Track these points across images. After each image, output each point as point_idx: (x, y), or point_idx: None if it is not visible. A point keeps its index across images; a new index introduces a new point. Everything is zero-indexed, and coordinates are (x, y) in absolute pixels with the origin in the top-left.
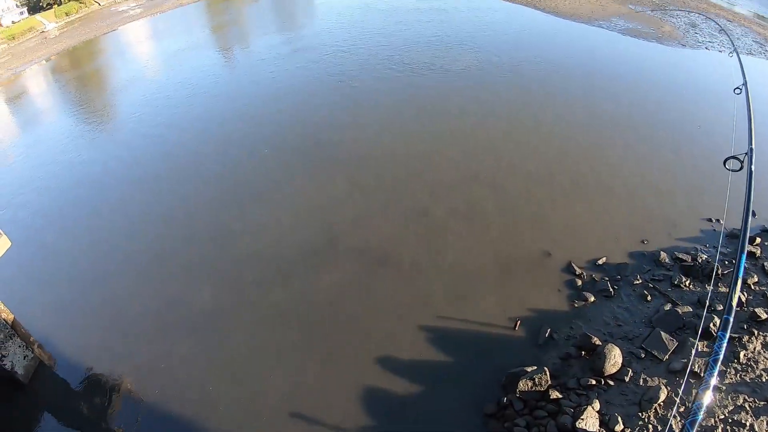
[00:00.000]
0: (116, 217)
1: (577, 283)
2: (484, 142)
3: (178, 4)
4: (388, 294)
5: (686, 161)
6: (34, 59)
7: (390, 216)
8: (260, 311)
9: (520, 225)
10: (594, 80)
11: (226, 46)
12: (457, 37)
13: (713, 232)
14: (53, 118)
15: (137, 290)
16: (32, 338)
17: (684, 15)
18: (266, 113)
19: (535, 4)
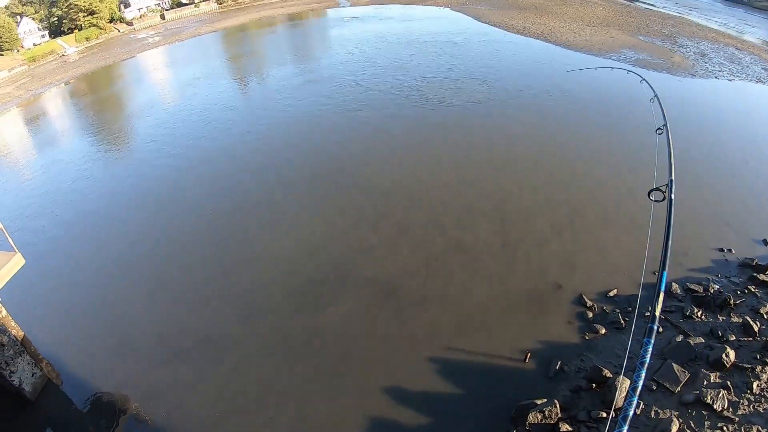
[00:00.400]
0: (127, 240)
1: (587, 315)
2: (492, 174)
3: (196, 33)
4: (396, 325)
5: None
6: (54, 82)
7: (398, 247)
8: (267, 341)
9: (529, 257)
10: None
11: (241, 75)
12: (468, 70)
13: (725, 262)
14: (70, 140)
15: (146, 314)
16: (41, 356)
17: (693, 45)
18: (277, 144)
19: (547, 38)
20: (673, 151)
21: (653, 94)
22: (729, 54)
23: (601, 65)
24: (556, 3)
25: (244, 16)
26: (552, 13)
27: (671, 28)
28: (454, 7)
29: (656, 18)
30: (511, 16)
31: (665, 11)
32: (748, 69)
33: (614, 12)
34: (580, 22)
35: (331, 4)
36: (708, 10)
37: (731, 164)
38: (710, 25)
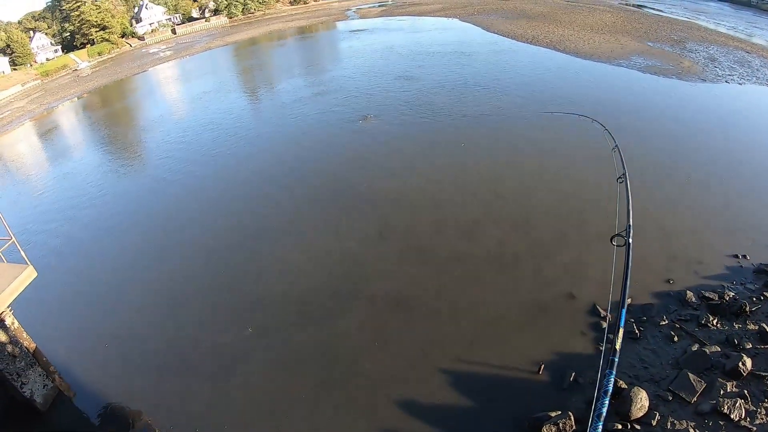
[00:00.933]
0: (139, 252)
1: (601, 325)
2: (503, 184)
3: (207, 47)
4: (407, 338)
5: (707, 198)
6: (67, 96)
7: (408, 259)
8: (277, 353)
9: (542, 267)
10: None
11: (252, 88)
12: (477, 81)
13: (740, 269)
14: (82, 154)
15: (157, 327)
16: (52, 367)
17: (702, 49)
18: (286, 157)
19: (556, 46)
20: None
21: (614, 144)
22: (739, 57)
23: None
24: (564, 11)
25: (254, 30)
26: (560, 22)
27: (680, 33)
28: (463, 17)
29: (664, 23)
30: (519, 26)
31: (673, 16)
32: (758, 72)
33: (622, 18)
34: (589, 29)
35: (340, 17)
36: (716, 14)
37: (746, 168)
38: (719, 29)
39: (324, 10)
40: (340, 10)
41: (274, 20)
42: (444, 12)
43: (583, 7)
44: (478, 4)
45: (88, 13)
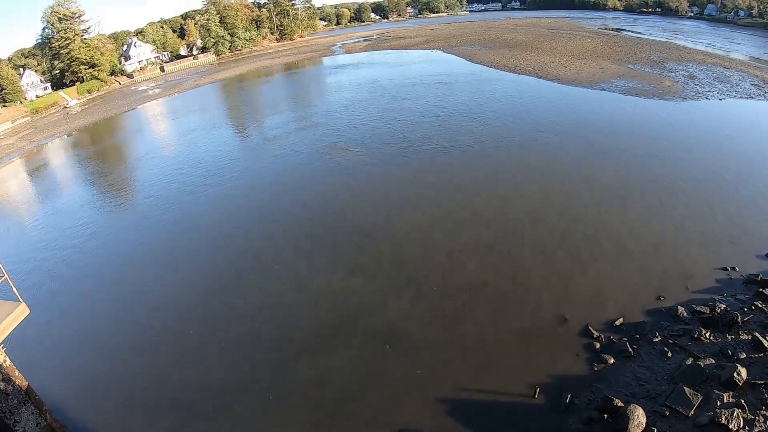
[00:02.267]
0: (130, 291)
1: (595, 346)
2: (492, 212)
3: (195, 85)
4: (404, 367)
5: (695, 213)
6: (56, 133)
7: (401, 291)
8: (273, 391)
9: (533, 291)
10: (597, 143)
11: (239, 124)
12: (461, 111)
13: (730, 281)
14: (72, 190)
15: (149, 365)
16: (45, 406)
17: (682, 68)
18: (273, 192)
19: (538, 73)
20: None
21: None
22: (718, 73)
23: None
24: (545, 39)
25: (241, 67)
26: (542, 49)
27: (659, 54)
28: (446, 49)
29: (644, 45)
30: (502, 55)
31: (652, 38)
32: (737, 86)
33: (602, 43)
34: (570, 55)
35: (326, 53)
36: (694, 32)
37: (729, 181)
38: (697, 47)
39: (310, 47)
40: (326, 46)
41: (261, 57)
42: (427, 45)
43: (564, 34)
44: (460, 36)
45: (77, 50)
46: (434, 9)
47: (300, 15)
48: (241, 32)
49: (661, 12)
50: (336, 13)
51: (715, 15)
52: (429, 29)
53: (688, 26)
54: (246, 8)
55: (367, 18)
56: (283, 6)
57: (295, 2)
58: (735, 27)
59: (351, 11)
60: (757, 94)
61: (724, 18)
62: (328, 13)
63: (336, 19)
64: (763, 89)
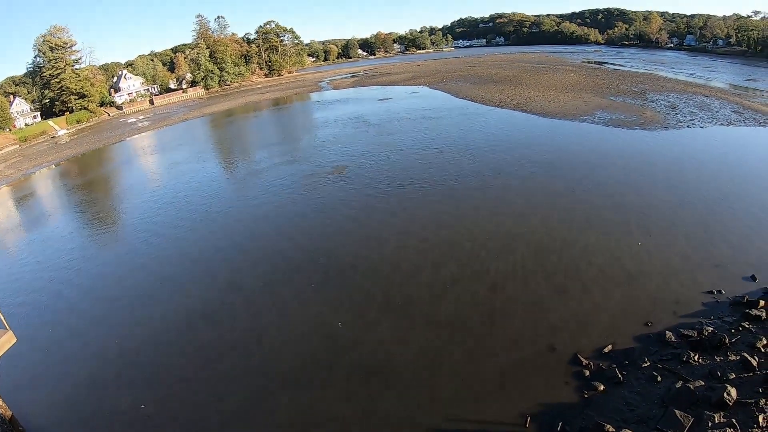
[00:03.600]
0: (116, 323)
1: (584, 374)
2: (477, 243)
3: (184, 118)
4: (394, 402)
5: (680, 239)
6: (44, 162)
7: (389, 323)
8: (263, 423)
9: (521, 321)
10: (580, 173)
11: (227, 158)
12: (445, 146)
13: (716, 304)
14: (58, 220)
15: (135, 399)
16: None
17: (663, 98)
18: (260, 227)
19: (523, 108)
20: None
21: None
22: (698, 102)
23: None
24: (529, 74)
25: (230, 102)
26: (526, 84)
27: (641, 85)
28: (432, 85)
29: (625, 77)
30: (487, 90)
31: (633, 70)
32: (717, 114)
33: (585, 76)
34: (554, 89)
35: (314, 89)
36: (674, 62)
37: (713, 207)
38: (678, 77)
39: (298, 82)
40: (314, 82)
41: (250, 92)
42: (414, 80)
43: (547, 68)
44: (446, 72)
45: (68, 80)
46: (420, 45)
47: (288, 51)
48: (230, 67)
49: (641, 44)
50: (324, 50)
51: (695, 45)
52: (415, 65)
53: (669, 57)
54: (235, 43)
55: (354, 54)
56: (272, 42)
57: (283, 38)
58: (714, 56)
59: (338, 48)
60: (737, 120)
61: (703, 48)
62: (316, 49)
63: (324, 55)
64: (743, 115)
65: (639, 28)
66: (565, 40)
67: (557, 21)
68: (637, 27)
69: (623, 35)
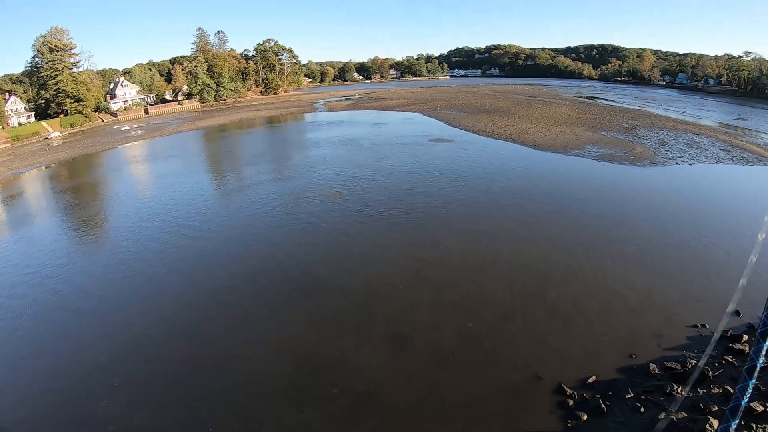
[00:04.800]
0: (101, 335)
1: (568, 403)
2: (462, 273)
3: (178, 130)
4: (377, 426)
5: (665, 274)
6: (35, 164)
7: (371, 350)
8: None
9: (507, 351)
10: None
11: (217, 174)
12: (435, 174)
13: (700, 337)
14: (42, 221)
15: (115, 413)
16: None
17: (653, 135)
18: (246, 245)
19: (515, 139)
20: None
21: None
22: (688, 139)
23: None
24: (522, 105)
25: (224, 117)
26: (518, 116)
27: (632, 121)
28: (426, 112)
29: (617, 113)
30: (480, 120)
31: (625, 106)
32: (706, 151)
33: (577, 110)
34: (546, 122)
35: (309, 110)
36: (665, 100)
37: (699, 243)
38: (668, 114)
39: (293, 102)
40: (309, 103)
41: (245, 108)
42: (408, 107)
43: (541, 101)
44: (440, 100)
45: (65, 83)
46: (416, 72)
47: (286, 70)
48: (227, 82)
49: (634, 81)
50: (321, 71)
51: (686, 83)
52: (410, 92)
53: (661, 94)
54: (234, 59)
55: (350, 77)
56: (270, 60)
57: (281, 57)
58: (705, 95)
59: (335, 70)
60: (725, 159)
61: (694, 86)
62: (313, 70)
63: (320, 77)
64: (732, 153)
65: (632, 65)
66: (559, 74)
67: (552, 55)
68: (631, 64)
69: (616, 71)
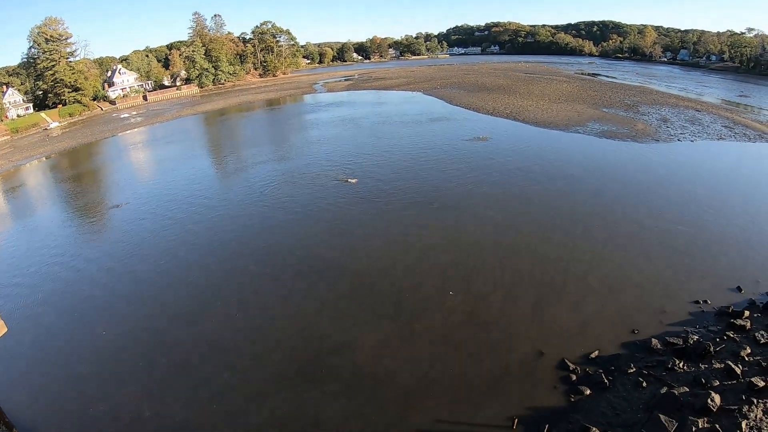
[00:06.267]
0: (102, 321)
1: (571, 378)
2: (466, 250)
3: (177, 115)
4: (380, 405)
5: (667, 250)
6: (35, 155)
7: (376, 327)
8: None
9: (511, 327)
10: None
11: (216, 157)
12: (431, 153)
13: (701, 313)
14: (44, 212)
15: (120, 398)
16: (15, 429)
17: (655, 111)
18: (239, 223)
19: (516, 117)
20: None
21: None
22: (690, 116)
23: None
24: (523, 83)
25: (224, 101)
26: (519, 93)
27: (633, 98)
28: (426, 91)
29: (618, 90)
30: (480, 98)
31: (626, 82)
32: (708, 128)
33: (578, 87)
34: (547, 99)
35: (308, 91)
36: (667, 77)
37: (701, 220)
38: (670, 91)
39: (293, 84)
40: (308, 84)
41: (244, 92)
42: (408, 86)
43: (541, 78)
44: (440, 78)
45: (62, 73)
46: (415, 51)
47: (284, 52)
48: (225, 66)
49: (635, 57)
50: (319, 52)
51: (688, 60)
52: (410, 71)
53: (662, 71)
54: (231, 42)
55: (349, 58)
56: (268, 42)
57: (279, 39)
58: (707, 71)
59: (334, 51)
60: (727, 135)
61: (696, 63)
62: (312, 51)
63: (319, 58)
64: (734, 130)
65: (633, 42)
66: (559, 51)
67: (552, 32)
68: (632, 40)
69: (617, 48)
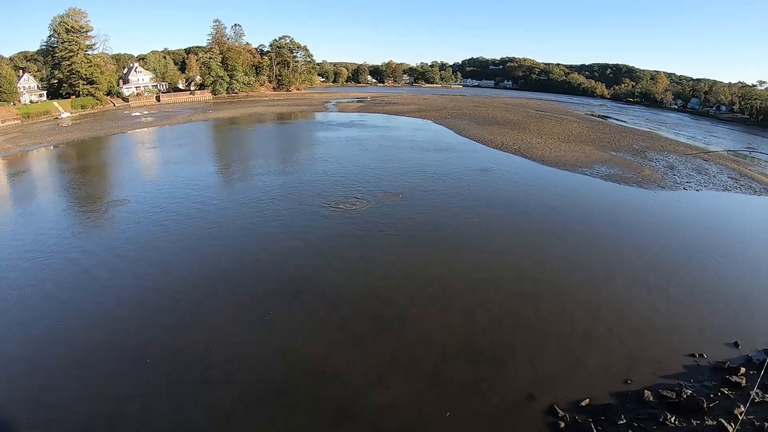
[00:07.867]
0: (90, 318)
1: (560, 426)
2: (460, 290)
3: (188, 119)
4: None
5: (666, 301)
6: (44, 142)
7: (366, 364)
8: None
9: (501, 369)
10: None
11: (224, 165)
12: (441, 181)
13: (697, 367)
14: (46, 198)
15: (110, 398)
16: None
17: (662, 158)
18: (237, 234)
19: (524, 153)
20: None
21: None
22: (696, 165)
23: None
24: (533, 120)
25: (235, 110)
26: (529, 130)
27: (641, 143)
28: (437, 120)
29: (627, 134)
30: (490, 132)
31: (636, 127)
32: (714, 178)
33: (588, 128)
34: (556, 138)
35: (320, 109)
36: (676, 124)
37: (702, 272)
38: (678, 139)
39: (305, 100)
40: (321, 102)
41: (256, 103)
42: (419, 113)
43: (552, 116)
44: (452, 108)
45: (79, 64)
46: (429, 79)
47: (299, 68)
48: (240, 75)
49: (646, 103)
50: (334, 71)
51: (698, 108)
52: (422, 98)
53: (672, 118)
54: (248, 53)
55: (363, 80)
56: (285, 56)
57: (296, 54)
58: (716, 121)
59: (349, 71)
60: (733, 187)
61: (706, 112)
62: (327, 69)
63: (334, 77)
64: (739, 182)
65: (645, 87)
66: (572, 91)
67: (566, 71)
68: (644, 85)
69: (629, 92)
